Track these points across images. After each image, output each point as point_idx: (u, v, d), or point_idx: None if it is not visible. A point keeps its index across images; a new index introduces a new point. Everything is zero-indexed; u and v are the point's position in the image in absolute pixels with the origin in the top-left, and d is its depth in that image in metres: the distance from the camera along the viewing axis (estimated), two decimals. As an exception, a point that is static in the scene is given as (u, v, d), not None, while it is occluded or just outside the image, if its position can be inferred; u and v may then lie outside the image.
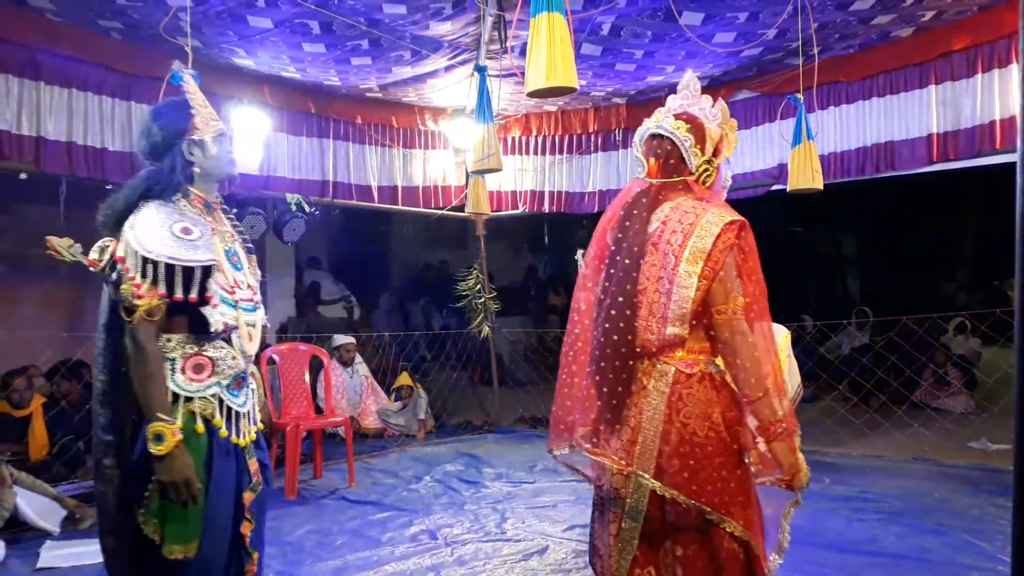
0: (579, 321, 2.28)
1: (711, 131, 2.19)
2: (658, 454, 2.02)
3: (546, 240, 14.13)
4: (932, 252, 15.42)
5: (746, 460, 2.09)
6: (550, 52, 3.25)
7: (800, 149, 5.00)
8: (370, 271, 11.50)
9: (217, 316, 2.16)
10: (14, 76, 4.69)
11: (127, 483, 2.14)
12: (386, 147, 7.07)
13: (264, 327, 2.44)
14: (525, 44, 3.78)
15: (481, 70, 5.38)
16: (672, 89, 2.35)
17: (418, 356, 8.52)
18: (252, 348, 2.31)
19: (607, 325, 2.08)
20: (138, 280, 2.04)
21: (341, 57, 5.59)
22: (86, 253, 2.21)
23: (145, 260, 2.05)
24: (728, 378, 2.10)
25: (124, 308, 2.05)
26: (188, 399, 2.13)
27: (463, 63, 5.94)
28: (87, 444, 5.21)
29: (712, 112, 2.22)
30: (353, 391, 7.43)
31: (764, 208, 6.85)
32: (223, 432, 2.18)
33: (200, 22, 4.78)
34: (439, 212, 7.48)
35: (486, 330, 7.44)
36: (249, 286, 2.34)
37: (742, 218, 2.04)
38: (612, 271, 2.13)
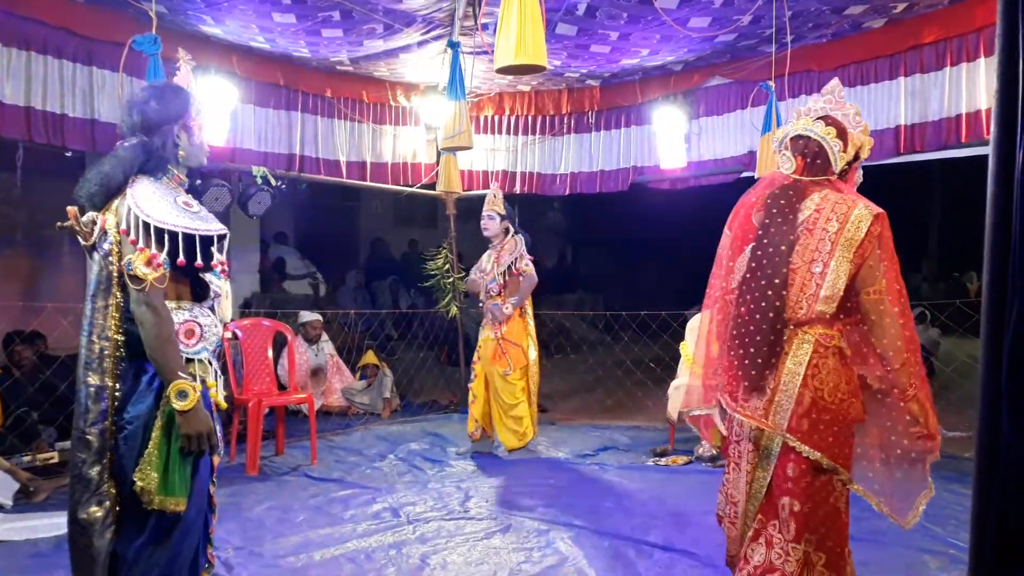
0: (720, 297, 2.54)
1: (854, 137, 2.48)
2: (790, 415, 2.32)
3: (517, 221, 14.07)
4: (897, 244, 15.71)
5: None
6: (520, 29, 3.24)
7: (770, 137, 5.03)
8: (337, 248, 11.38)
9: (214, 283, 2.33)
10: (-30, 37, 4.53)
11: (123, 445, 2.20)
12: (356, 122, 6.97)
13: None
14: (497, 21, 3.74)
15: (454, 46, 5.32)
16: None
17: (384, 335, 8.47)
18: (228, 314, 2.45)
19: (763, 304, 2.34)
20: (153, 250, 2.14)
21: (312, 28, 5.48)
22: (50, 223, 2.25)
23: (160, 231, 2.16)
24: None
25: (130, 276, 2.14)
26: (188, 360, 2.25)
27: (436, 39, 5.85)
28: (42, 416, 5.10)
29: (855, 119, 2.49)
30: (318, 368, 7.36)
31: (733, 194, 6.88)
32: (214, 394, 2.33)
33: (166, -14, 4.66)
34: (409, 190, 7.41)
35: (454, 310, 7.41)
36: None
37: (882, 210, 2.31)
38: (760, 252, 2.39)
